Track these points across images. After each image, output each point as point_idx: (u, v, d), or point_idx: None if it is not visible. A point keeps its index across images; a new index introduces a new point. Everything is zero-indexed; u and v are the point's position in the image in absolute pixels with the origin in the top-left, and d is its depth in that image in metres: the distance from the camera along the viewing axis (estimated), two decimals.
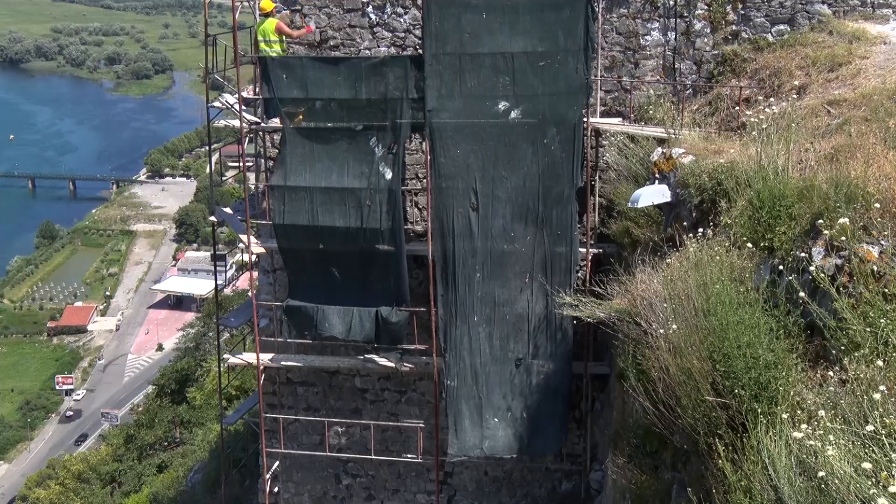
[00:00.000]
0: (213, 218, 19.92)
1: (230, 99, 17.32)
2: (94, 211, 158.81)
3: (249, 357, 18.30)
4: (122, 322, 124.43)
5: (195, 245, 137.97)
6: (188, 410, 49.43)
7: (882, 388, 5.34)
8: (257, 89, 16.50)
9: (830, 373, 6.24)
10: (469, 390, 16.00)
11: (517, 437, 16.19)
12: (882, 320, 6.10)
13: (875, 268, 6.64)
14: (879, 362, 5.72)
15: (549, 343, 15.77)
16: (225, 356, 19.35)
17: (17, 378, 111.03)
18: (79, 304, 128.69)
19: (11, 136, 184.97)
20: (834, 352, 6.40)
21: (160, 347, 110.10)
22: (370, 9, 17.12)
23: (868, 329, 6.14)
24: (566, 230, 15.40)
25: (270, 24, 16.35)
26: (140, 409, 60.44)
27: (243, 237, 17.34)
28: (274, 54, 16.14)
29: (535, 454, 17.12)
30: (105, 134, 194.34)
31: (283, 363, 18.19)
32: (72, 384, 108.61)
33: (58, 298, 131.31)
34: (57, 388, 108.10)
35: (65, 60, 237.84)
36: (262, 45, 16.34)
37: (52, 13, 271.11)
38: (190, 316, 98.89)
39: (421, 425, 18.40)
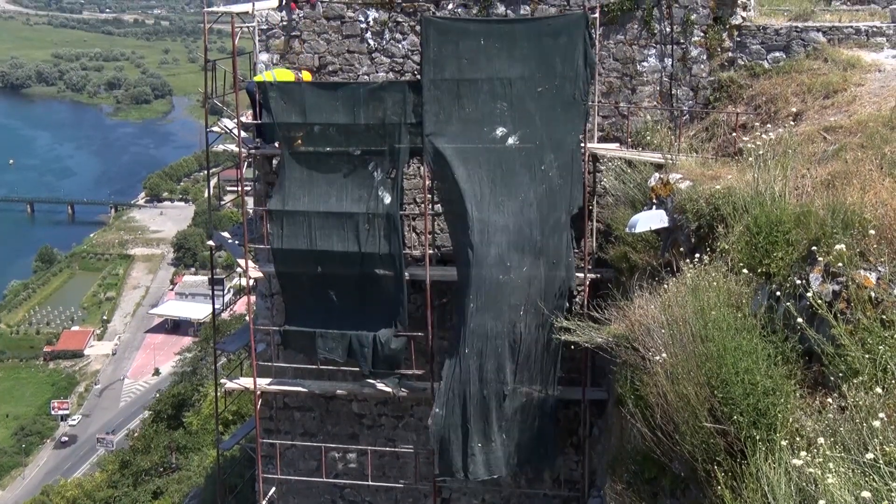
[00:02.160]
0: (211, 242, 19.91)
1: (229, 124, 17.39)
2: (92, 235, 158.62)
3: (246, 382, 18.23)
4: (118, 346, 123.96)
5: (193, 269, 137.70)
6: (184, 436, 49.10)
7: (881, 415, 5.32)
8: (256, 113, 16.54)
9: (829, 399, 6.22)
10: (457, 420, 15.80)
11: (501, 460, 15.99)
12: (880, 347, 6.09)
13: (872, 294, 6.64)
14: (878, 389, 5.70)
15: (540, 373, 15.59)
16: (222, 381, 19.28)
17: (12, 403, 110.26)
18: (75, 328, 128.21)
19: (11, 161, 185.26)
20: (833, 378, 6.39)
21: (157, 372, 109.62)
22: (369, 34, 17.23)
23: (867, 356, 6.13)
24: (561, 257, 15.32)
25: (287, 76, 16.43)
26: (136, 434, 60.05)
27: (241, 261, 17.32)
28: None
29: (519, 469, 17.00)
30: (104, 158, 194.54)
31: (280, 388, 18.11)
32: (67, 409, 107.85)
33: (55, 323, 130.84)
34: (52, 413, 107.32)
35: (65, 86, 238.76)
36: (267, 74, 16.45)
37: (53, 39, 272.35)
38: (187, 340, 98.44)
39: (418, 451, 18.28)
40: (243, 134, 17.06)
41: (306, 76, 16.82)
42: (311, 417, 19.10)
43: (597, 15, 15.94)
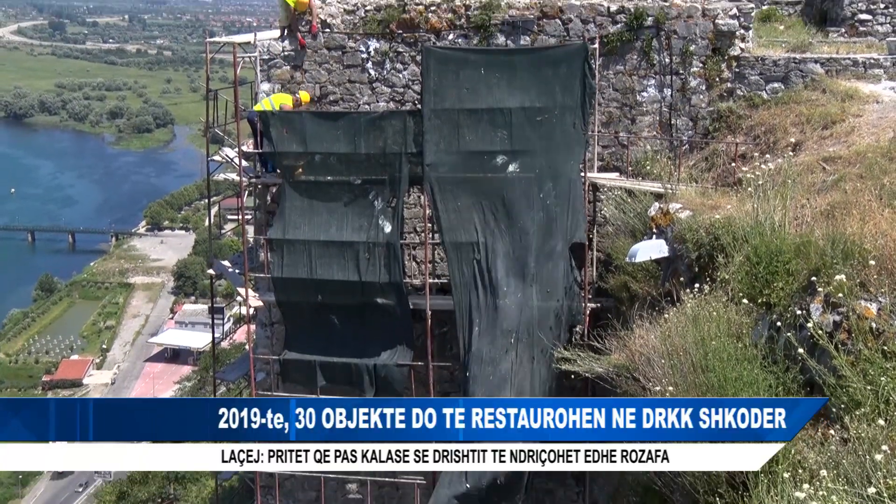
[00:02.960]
0: (211, 271, 19.91)
1: (230, 153, 17.45)
2: (92, 264, 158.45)
3: None
4: (117, 376, 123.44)
5: (193, 298, 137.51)
6: None
7: (884, 447, 5.28)
8: (258, 142, 16.61)
9: (832, 431, 6.17)
10: None
11: (489, 494, 15.77)
12: (882, 378, 6.06)
13: (873, 325, 6.62)
14: (881, 421, 5.66)
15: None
16: None
17: None
18: (74, 357, 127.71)
19: (12, 190, 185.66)
20: (834, 409, 6.34)
21: None
22: (369, 64, 17.34)
23: (868, 387, 6.09)
24: (556, 286, 15.28)
25: (281, 100, 16.50)
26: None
27: (241, 290, 17.30)
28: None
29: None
30: (105, 187, 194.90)
31: None
32: None
33: (53, 352, 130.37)
34: None
35: (67, 115, 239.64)
36: (265, 101, 16.53)
37: (56, 69, 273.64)
38: (186, 369, 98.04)
39: (419, 481, 18.13)
40: (244, 163, 17.11)
41: (304, 97, 16.87)
42: None
43: (596, 46, 16.06)
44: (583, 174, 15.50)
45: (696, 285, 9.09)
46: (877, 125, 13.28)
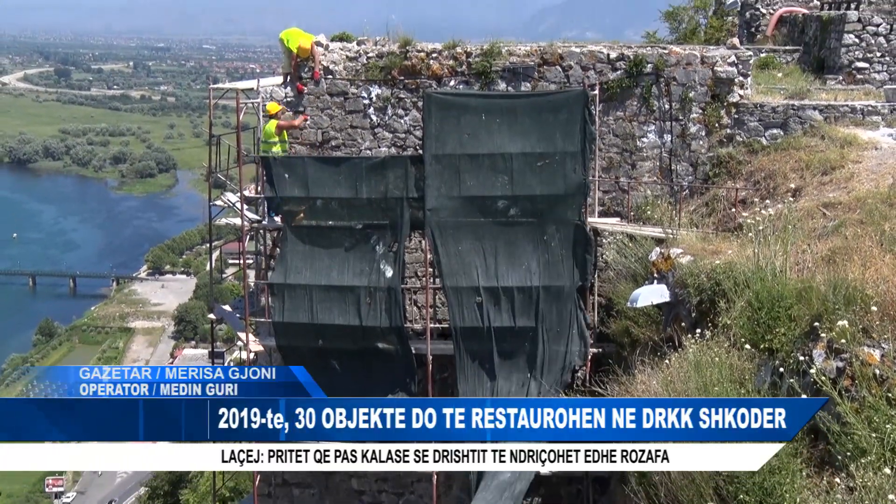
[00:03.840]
0: (212, 315, 19.85)
1: (232, 197, 17.52)
2: (93, 308, 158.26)
3: None
4: None
5: (193, 342, 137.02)
6: None
7: (891, 496, 5.22)
8: (259, 188, 16.69)
9: (837, 479, 6.10)
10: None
11: None
12: (888, 426, 6.00)
13: (877, 371, 6.58)
14: (887, 470, 5.60)
15: None
16: None
17: (5, 481, 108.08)
18: None
19: (14, 235, 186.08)
20: (840, 457, 6.28)
21: None
22: (371, 110, 17.49)
23: (874, 434, 6.03)
24: (565, 328, 15.29)
25: (271, 125, 16.72)
26: None
27: (242, 335, 17.24)
28: (276, 152, 16.48)
29: None
30: (107, 231, 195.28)
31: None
32: (62, 486, 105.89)
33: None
34: (46, 490, 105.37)
35: (71, 160, 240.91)
36: (264, 145, 16.67)
37: (61, 115, 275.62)
38: None
39: None
40: (246, 207, 17.17)
41: (273, 107, 16.92)
42: (311, 494, 18.75)
43: (596, 92, 16.22)
44: (584, 219, 15.54)
45: (698, 330, 9.07)
46: (876, 171, 13.35)
